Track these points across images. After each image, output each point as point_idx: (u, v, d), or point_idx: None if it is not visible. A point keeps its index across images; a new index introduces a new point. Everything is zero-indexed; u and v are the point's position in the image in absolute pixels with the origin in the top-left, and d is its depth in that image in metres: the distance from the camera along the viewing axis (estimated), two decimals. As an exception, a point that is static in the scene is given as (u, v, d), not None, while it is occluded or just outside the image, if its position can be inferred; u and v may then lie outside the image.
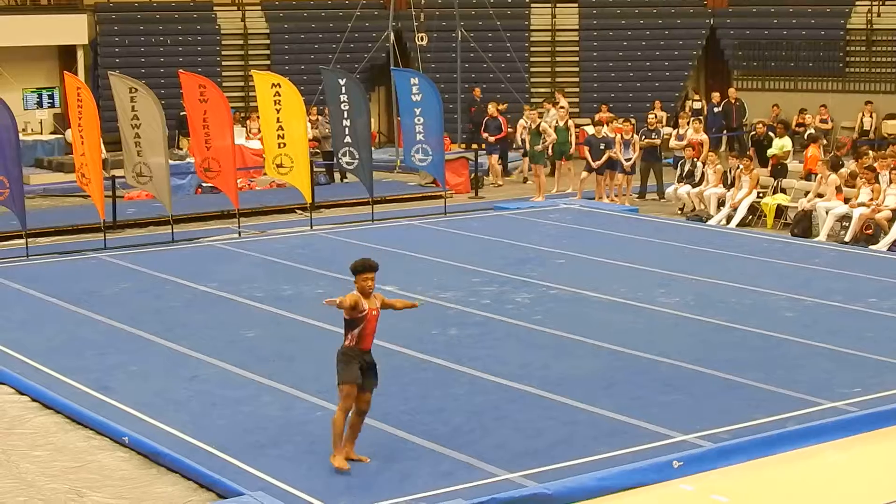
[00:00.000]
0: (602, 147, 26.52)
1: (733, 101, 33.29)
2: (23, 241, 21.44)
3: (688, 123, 27.85)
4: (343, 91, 24.41)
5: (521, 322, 16.46)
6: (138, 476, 11.38)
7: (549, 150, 28.48)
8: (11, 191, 20.82)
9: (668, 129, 30.09)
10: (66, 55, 34.11)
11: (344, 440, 11.05)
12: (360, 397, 11.04)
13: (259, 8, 37.19)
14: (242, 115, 32.33)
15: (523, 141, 28.90)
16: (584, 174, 26.93)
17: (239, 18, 36.72)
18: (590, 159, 26.69)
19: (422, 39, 33.72)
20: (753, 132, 27.94)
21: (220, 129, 22.70)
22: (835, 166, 23.55)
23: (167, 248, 22.05)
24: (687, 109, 32.73)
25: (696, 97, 34.27)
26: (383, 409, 10.98)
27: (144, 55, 34.84)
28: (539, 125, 28.20)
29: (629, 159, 26.68)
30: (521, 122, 29.15)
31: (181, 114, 29.29)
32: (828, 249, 21.61)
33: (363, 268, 11.34)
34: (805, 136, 28.51)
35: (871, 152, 25.16)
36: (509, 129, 30.14)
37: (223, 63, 35.89)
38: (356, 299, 11.13)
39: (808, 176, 24.73)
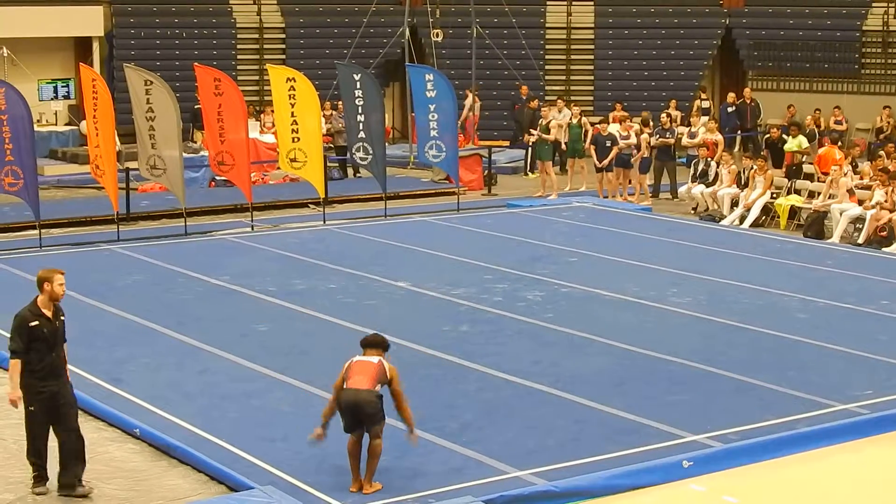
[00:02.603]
0: (608, 144, 26.53)
1: (748, 102, 33.21)
2: (36, 231, 21.48)
3: (702, 123, 27.80)
4: (358, 86, 24.41)
5: (533, 320, 16.46)
6: (149, 468, 11.41)
7: (563, 147, 28.57)
8: (26, 181, 20.87)
9: (682, 129, 30.05)
10: (81, 47, 34.17)
11: (356, 464, 10.89)
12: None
13: (274, 2, 37.19)
14: (257, 108, 32.33)
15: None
16: (602, 173, 26.92)
17: (254, 12, 36.74)
18: (595, 158, 26.79)
19: (437, 36, 33.72)
20: (768, 135, 27.85)
21: (235, 123, 22.72)
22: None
23: (180, 241, 22.07)
24: (695, 109, 32.65)
25: (704, 96, 34.15)
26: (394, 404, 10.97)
27: (160, 48, 34.89)
28: (549, 122, 28.19)
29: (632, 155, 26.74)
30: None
31: (195, 107, 29.35)
32: (841, 251, 21.57)
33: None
34: (827, 137, 28.35)
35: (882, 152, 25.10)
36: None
37: (238, 57, 35.91)
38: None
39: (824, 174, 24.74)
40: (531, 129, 29.48)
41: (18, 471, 11.24)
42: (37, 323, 10.60)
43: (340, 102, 26.77)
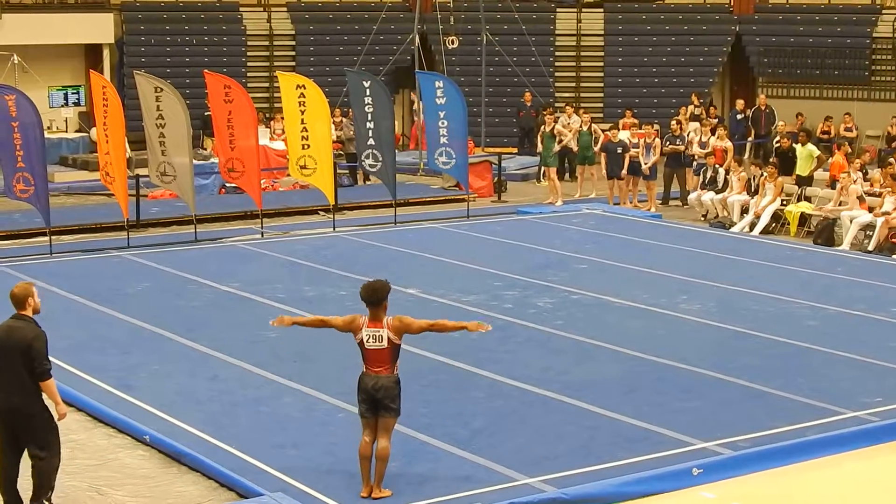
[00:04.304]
0: (619, 151, 26.52)
1: (763, 108, 33.13)
2: (46, 238, 21.52)
3: (712, 131, 27.81)
4: (367, 93, 24.42)
5: (543, 326, 16.46)
6: (159, 475, 11.42)
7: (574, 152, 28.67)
8: (36, 188, 20.91)
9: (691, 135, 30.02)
10: (92, 54, 34.30)
11: (367, 468, 10.78)
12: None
13: (285, 9, 37.27)
14: (267, 115, 32.38)
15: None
16: (612, 180, 26.88)
17: (264, 19, 36.83)
18: (603, 165, 26.79)
19: (452, 43, 33.73)
20: (778, 144, 27.79)
21: (245, 130, 22.73)
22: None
23: (190, 248, 22.10)
24: (688, 114, 32.56)
25: (696, 103, 34.01)
26: (403, 411, 10.96)
27: (170, 55, 34.97)
28: (553, 128, 28.19)
29: (646, 163, 26.64)
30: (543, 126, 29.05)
31: (206, 114, 29.38)
32: (851, 258, 21.55)
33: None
34: (836, 143, 28.29)
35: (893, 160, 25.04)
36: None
37: (248, 64, 35.98)
38: None
39: (833, 183, 24.67)
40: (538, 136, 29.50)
41: (26, 480, 11.25)
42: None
43: (350, 109, 26.80)
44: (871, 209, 22.72)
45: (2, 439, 10.29)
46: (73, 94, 33.29)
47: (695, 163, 27.49)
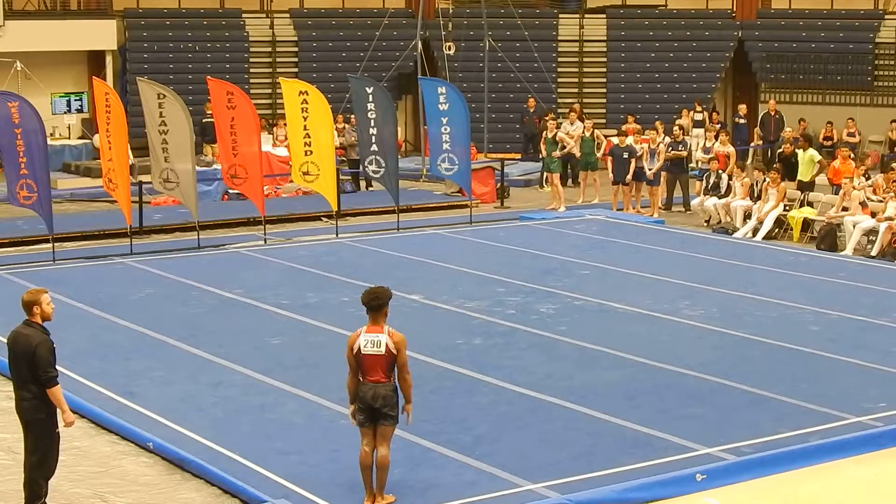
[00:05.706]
0: (626, 156, 26.50)
1: (773, 114, 33.12)
2: (49, 245, 21.55)
3: (716, 136, 27.84)
4: (370, 99, 24.43)
5: (546, 332, 16.45)
6: (162, 482, 11.42)
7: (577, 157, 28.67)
8: (39, 195, 20.93)
9: (694, 141, 30.03)
10: (94, 60, 34.31)
11: (369, 477, 10.76)
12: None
13: (287, 15, 37.28)
14: (270, 122, 32.38)
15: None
16: (617, 186, 26.86)
17: (267, 25, 36.83)
18: (610, 170, 26.77)
19: (449, 49, 33.78)
20: (781, 150, 27.80)
21: (248, 136, 22.74)
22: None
23: (193, 255, 22.11)
24: (689, 120, 32.56)
25: (699, 108, 33.97)
26: (406, 418, 10.97)
27: (173, 61, 34.97)
28: (556, 134, 28.18)
29: (650, 169, 26.64)
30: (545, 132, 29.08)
31: (204, 120, 29.42)
32: (854, 263, 21.53)
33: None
34: (839, 149, 28.29)
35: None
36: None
37: (251, 70, 35.98)
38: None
39: (835, 188, 24.68)
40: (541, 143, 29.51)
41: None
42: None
43: (353, 115, 26.82)
44: (873, 214, 22.72)
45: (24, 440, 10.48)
46: (75, 100, 33.30)
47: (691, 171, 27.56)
